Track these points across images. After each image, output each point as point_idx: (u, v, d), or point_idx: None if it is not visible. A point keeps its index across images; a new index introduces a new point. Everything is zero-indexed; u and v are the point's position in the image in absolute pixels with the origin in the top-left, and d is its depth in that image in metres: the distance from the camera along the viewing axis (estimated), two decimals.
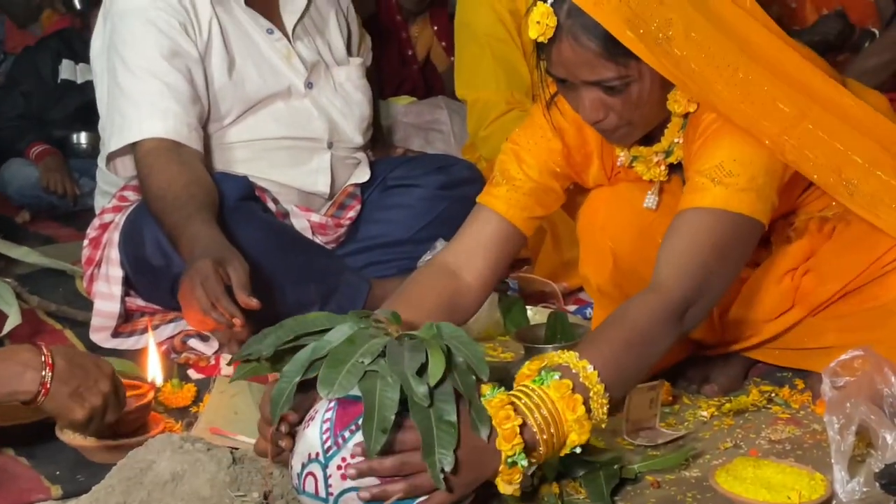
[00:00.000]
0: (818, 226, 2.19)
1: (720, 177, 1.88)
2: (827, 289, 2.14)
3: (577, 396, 1.64)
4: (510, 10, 3.02)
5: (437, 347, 1.64)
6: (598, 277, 2.16)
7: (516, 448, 1.60)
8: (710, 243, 1.86)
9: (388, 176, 2.86)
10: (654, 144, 2.05)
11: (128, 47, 2.50)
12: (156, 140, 2.43)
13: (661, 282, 1.84)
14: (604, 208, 2.15)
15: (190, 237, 2.25)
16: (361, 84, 2.81)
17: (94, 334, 2.55)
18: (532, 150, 2.09)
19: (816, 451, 1.93)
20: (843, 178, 1.95)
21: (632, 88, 1.89)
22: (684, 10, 1.86)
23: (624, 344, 1.75)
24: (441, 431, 1.59)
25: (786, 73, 1.95)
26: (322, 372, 1.61)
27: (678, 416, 2.10)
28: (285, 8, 2.70)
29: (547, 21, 1.85)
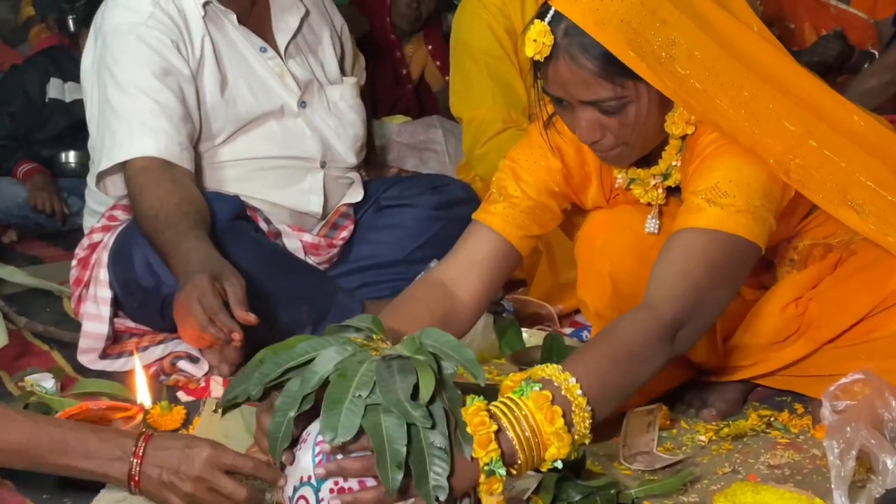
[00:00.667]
0: (822, 253, 2.19)
1: (715, 197, 1.88)
2: (835, 325, 2.13)
3: (556, 408, 1.63)
4: (506, 29, 3.03)
5: (424, 365, 1.63)
6: (597, 302, 2.16)
7: (492, 454, 1.58)
8: (703, 264, 1.85)
9: (382, 196, 2.87)
10: (651, 167, 2.06)
11: (119, 65, 2.51)
12: (147, 159, 2.43)
13: (653, 301, 1.83)
14: (603, 232, 2.14)
15: (184, 254, 2.25)
16: (355, 103, 2.81)
17: (82, 356, 2.55)
18: (530, 168, 2.09)
19: (816, 477, 1.92)
20: (848, 199, 1.95)
21: (629, 109, 1.89)
22: (688, 29, 1.86)
23: (610, 360, 1.74)
24: (434, 456, 1.58)
25: (792, 92, 1.95)
26: (323, 417, 1.59)
27: (676, 441, 2.09)
28: (278, 27, 2.71)
29: (544, 39, 1.85)
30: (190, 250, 2.25)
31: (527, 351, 2.24)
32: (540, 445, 1.63)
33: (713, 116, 1.90)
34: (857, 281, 2.13)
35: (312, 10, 2.81)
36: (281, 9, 2.72)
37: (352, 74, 2.92)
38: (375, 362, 1.66)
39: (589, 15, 1.83)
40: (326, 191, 2.73)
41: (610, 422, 2.05)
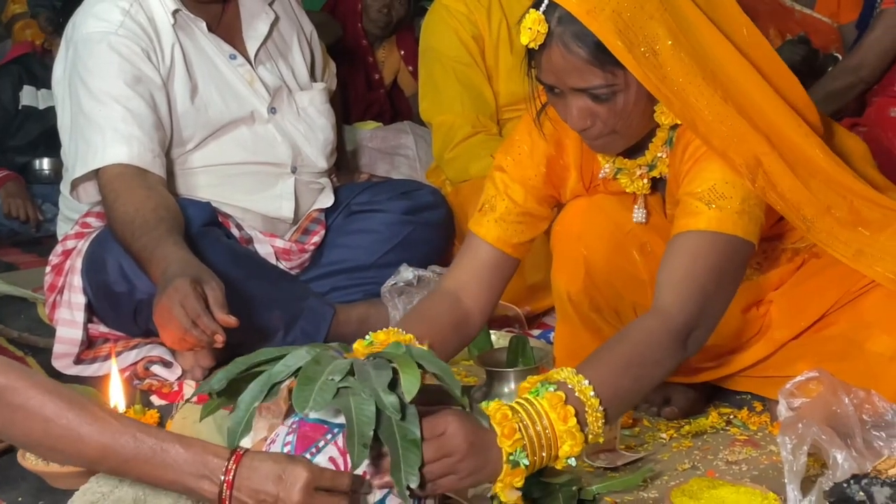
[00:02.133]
0: (789, 256, 2.26)
1: (713, 199, 1.93)
2: (793, 326, 2.20)
3: (569, 408, 1.70)
4: (473, 36, 3.07)
5: (410, 363, 1.69)
6: (570, 286, 2.21)
7: (517, 445, 1.67)
8: (708, 267, 1.91)
9: (353, 201, 2.89)
10: (637, 158, 2.10)
11: (91, 73, 2.53)
12: (120, 166, 2.46)
13: (663, 306, 1.88)
14: (580, 217, 2.19)
15: (162, 259, 2.27)
16: (325, 109, 2.84)
17: (57, 361, 2.56)
18: (515, 173, 2.13)
19: (772, 472, 1.98)
20: (801, 214, 2.01)
21: (618, 97, 1.93)
22: (671, 25, 1.91)
23: (623, 364, 1.81)
24: (406, 450, 1.64)
25: (758, 110, 1.99)
26: (295, 391, 1.65)
27: (638, 439, 2.14)
28: (248, 33, 2.74)
29: (538, 28, 1.90)
30: (168, 255, 2.28)
31: (493, 352, 2.28)
32: (554, 443, 1.70)
33: (690, 115, 1.94)
34: (814, 283, 2.20)
35: (282, 15, 2.83)
36: (250, 15, 2.75)
37: (322, 80, 2.95)
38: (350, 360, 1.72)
39: (582, 4, 1.87)
40: (297, 196, 2.76)
41: None
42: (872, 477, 1.67)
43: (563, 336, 2.31)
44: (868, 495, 1.65)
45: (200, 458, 1.61)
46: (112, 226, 2.45)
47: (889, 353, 2.08)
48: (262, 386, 1.72)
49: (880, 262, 2.05)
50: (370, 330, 2.58)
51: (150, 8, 2.60)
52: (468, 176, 3.01)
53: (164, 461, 1.61)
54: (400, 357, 1.72)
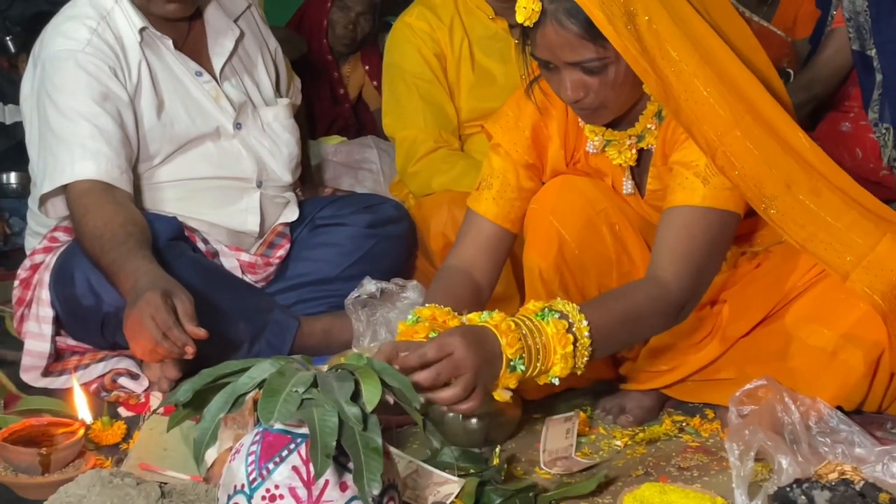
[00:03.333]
0: (748, 258, 2.33)
1: (709, 176, 2.06)
2: (742, 324, 2.27)
3: (569, 336, 1.87)
4: (435, 53, 3.11)
5: (371, 375, 1.73)
6: (542, 261, 2.28)
7: (519, 352, 1.83)
8: (703, 242, 2.06)
9: (317, 215, 2.91)
10: (627, 129, 2.19)
11: (59, 90, 2.55)
12: (88, 182, 2.48)
13: (664, 279, 2.03)
14: (554, 194, 2.28)
15: (131, 272, 2.30)
16: (289, 124, 2.87)
17: (25, 374, 2.57)
18: (509, 143, 2.27)
19: (722, 477, 2.02)
20: (761, 193, 2.08)
21: (609, 70, 2.05)
22: (651, 6, 2.01)
23: (620, 317, 1.98)
24: (369, 458, 1.69)
25: (728, 78, 2.08)
26: (260, 403, 1.68)
27: (594, 446, 2.19)
28: (214, 50, 2.76)
29: (533, 6, 2.01)
30: (138, 268, 2.31)
31: None
32: (548, 360, 1.88)
33: (662, 89, 2.03)
34: (761, 283, 2.28)
35: (247, 32, 2.86)
36: (216, 32, 2.78)
37: (287, 95, 2.97)
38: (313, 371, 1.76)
39: None
40: (263, 210, 2.78)
41: (532, 429, 2.18)
42: (814, 481, 1.72)
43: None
44: (809, 498, 1.70)
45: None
46: (81, 240, 2.47)
47: (830, 348, 2.15)
48: (227, 397, 1.75)
49: (828, 248, 2.12)
50: (334, 342, 2.67)
51: (116, 26, 2.63)
52: (430, 189, 3.04)
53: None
54: (361, 369, 1.77)
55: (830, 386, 2.12)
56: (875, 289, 2.10)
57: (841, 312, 2.15)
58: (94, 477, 1.80)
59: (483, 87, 3.10)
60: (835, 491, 1.69)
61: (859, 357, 2.14)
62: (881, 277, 2.11)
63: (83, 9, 2.64)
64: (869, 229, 2.13)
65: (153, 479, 1.88)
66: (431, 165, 3.07)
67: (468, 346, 1.82)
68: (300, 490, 1.69)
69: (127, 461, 2.06)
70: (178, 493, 1.83)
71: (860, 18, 3.37)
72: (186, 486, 1.87)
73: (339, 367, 1.79)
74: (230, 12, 2.82)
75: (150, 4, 2.63)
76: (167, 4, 2.62)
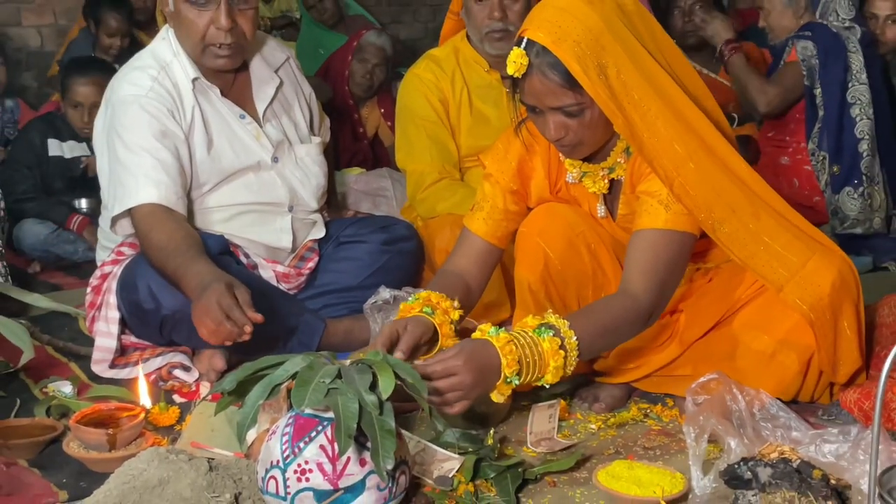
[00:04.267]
0: (702, 273, 2.33)
1: (669, 202, 2.06)
2: (696, 330, 2.27)
3: (561, 352, 1.89)
4: (440, 99, 3.11)
5: (387, 368, 1.74)
6: (530, 276, 2.27)
7: (514, 372, 1.88)
8: (666, 260, 2.06)
9: (341, 234, 2.90)
10: (600, 163, 2.20)
11: (126, 129, 2.55)
12: (151, 205, 2.48)
13: (635, 293, 2.04)
14: (541, 219, 2.27)
15: (196, 273, 2.30)
16: (319, 159, 2.86)
17: (95, 366, 2.57)
18: (498, 171, 2.27)
19: (681, 456, 2.01)
20: (711, 216, 2.09)
21: (585, 112, 2.05)
22: (618, 55, 2.02)
23: (602, 329, 1.99)
24: (384, 438, 1.69)
25: (686, 120, 2.09)
26: (293, 391, 1.70)
27: (572, 429, 2.18)
28: (257, 96, 2.75)
29: (521, 61, 2.02)
30: (201, 270, 2.31)
31: None
32: (541, 373, 1.90)
33: (629, 129, 2.04)
34: (712, 295, 2.28)
35: (285, 80, 2.85)
36: (259, 81, 2.76)
37: (318, 133, 2.96)
38: (338, 365, 1.76)
39: (549, 36, 1.99)
40: (294, 230, 2.78)
41: (520, 414, 2.17)
42: (758, 459, 1.71)
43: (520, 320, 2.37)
44: (754, 474, 1.69)
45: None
46: (147, 252, 2.47)
47: (769, 351, 2.16)
48: (265, 387, 1.76)
49: (766, 265, 2.12)
50: (355, 340, 2.68)
51: (174, 75, 2.63)
52: (436, 213, 3.04)
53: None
54: (378, 363, 1.77)
55: (770, 381, 2.13)
56: (805, 301, 2.12)
57: (777, 321, 2.16)
58: (153, 453, 1.80)
59: (479, 127, 3.10)
60: (775, 468, 1.68)
61: (794, 358, 2.15)
62: (809, 291, 2.11)
63: (147, 60, 2.66)
64: (801, 249, 2.13)
65: (202, 456, 1.87)
66: (436, 193, 3.07)
67: (469, 371, 1.86)
68: (326, 465, 1.69)
69: (180, 440, 2.06)
70: (224, 467, 1.83)
71: (811, 61, 3.40)
72: (230, 462, 1.87)
73: (360, 362, 1.79)
74: (271, 64, 2.81)
75: (203, 59, 2.62)
76: (216, 59, 2.62)
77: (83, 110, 3.93)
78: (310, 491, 1.68)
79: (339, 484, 1.69)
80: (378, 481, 1.71)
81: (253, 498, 1.79)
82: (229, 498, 1.76)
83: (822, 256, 2.13)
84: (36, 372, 2.57)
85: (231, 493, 1.77)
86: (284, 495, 1.70)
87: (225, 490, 1.77)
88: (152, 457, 1.79)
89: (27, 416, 2.29)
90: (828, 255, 2.15)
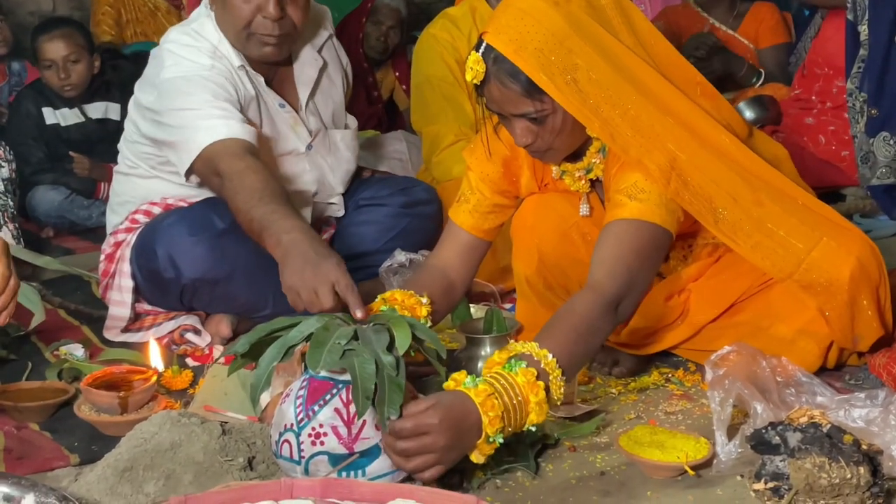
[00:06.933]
0: (710, 251, 2.25)
1: (635, 193, 1.94)
2: (708, 312, 2.21)
3: (540, 383, 1.69)
4: (456, 59, 3.06)
5: (403, 324, 1.70)
6: (526, 269, 2.23)
7: (498, 430, 1.65)
8: (632, 248, 1.91)
9: (359, 196, 2.84)
10: (577, 163, 2.12)
11: (186, 95, 2.37)
12: (233, 140, 2.29)
13: (596, 282, 1.89)
14: (532, 213, 2.21)
15: (290, 229, 2.03)
16: (353, 145, 2.77)
17: (107, 332, 2.55)
18: (478, 169, 2.17)
19: (703, 421, 1.98)
20: (712, 207, 2.00)
21: (550, 119, 1.95)
22: (589, 57, 1.91)
23: (574, 334, 1.80)
24: (392, 391, 1.64)
25: (672, 112, 1.99)
26: (308, 353, 1.66)
27: (592, 393, 2.14)
28: (300, 82, 2.64)
29: (478, 67, 1.92)
30: (295, 228, 2.04)
31: (472, 322, 2.28)
32: (524, 416, 1.69)
33: (608, 130, 1.94)
34: (726, 276, 2.21)
35: (329, 60, 2.73)
36: (303, 66, 2.65)
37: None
38: (356, 326, 1.72)
39: (510, 44, 1.89)
40: (315, 213, 2.69)
41: None
42: (786, 424, 1.67)
43: (523, 311, 2.33)
44: (783, 439, 1.64)
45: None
46: (228, 194, 2.23)
47: (788, 337, 2.12)
48: (279, 349, 1.72)
49: (772, 254, 2.05)
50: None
51: (227, 58, 2.48)
52: (451, 176, 3.00)
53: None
54: (394, 319, 1.73)
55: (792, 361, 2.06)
56: (811, 287, 2.06)
57: (795, 313, 2.12)
58: (165, 417, 1.78)
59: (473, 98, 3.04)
60: (805, 433, 1.63)
61: (813, 345, 2.12)
62: (818, 276, 2.05)
63: (196, 39, 2.47)
64: (807, 234, 2.05)
65: (215, 419, 1.85)
66: (452, 155, 3.04)
67: (442, 432, 1.61)
68: (341, 429, 1.66)
69: (193, 403, 2.04)
70: (237, 431, 1.81)
71: None
72: (244, 425, 1.85)
73: (376, 321, 1.74)
74: (315, 44, 2.70)
75: (248, 47, 2.48)
76: (262, 48, 2.48)
77: (57, 68, 3.88)
78: (324, 455, 1.65)
79: (355, 448, 1.66)
80: None
81: (266, 462, 1.77)
82: (242, 462, 1.74)
83: (834, 239, 2.05)
84: (47, 335, 2.56)
85: (244, 457, 1.75)
86: (298, 459, 1.66)
87: (238, 454, 1.75)
88: (164, 420, 1.77)
89: (38, 379, 2.28)
90: (842, 239, 2.06)
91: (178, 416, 1.78)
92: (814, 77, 3.55)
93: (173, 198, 2.54)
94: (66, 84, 3.90)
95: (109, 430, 1.99)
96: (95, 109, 4.04)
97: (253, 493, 1.48)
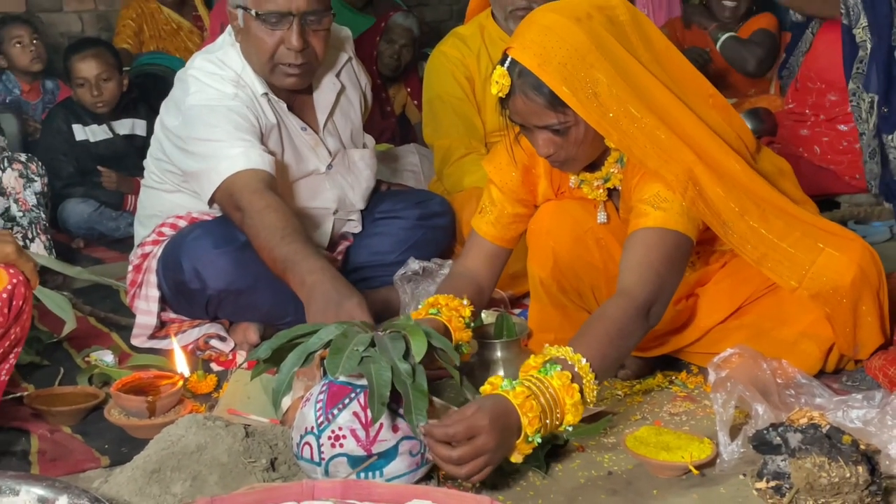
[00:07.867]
0: (717, 258, 2.25)
1: (658, 203, 1.95)
2: (714, 316, 2.21)
3: (575, 385, 1.70)
4: (466, 76, 3.06)
5: (419, 332, 1.69)
6: (541, 272, 2.23)
7: (536, 431, 1.66)
8: (660, 255, 1.92)
9: (376, 209, 2.83)
10: (595, 172, 2.12)
11: (211, 127, 2.38)
12: (254, 172, 2.30)
13: (627, 288, 1.89)
14: (549, 217, 2.21)
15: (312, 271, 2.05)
16: (372, 162, 2.76)
17: (134, 339, 2.55)
18: (501, 182, 2.19)
19: (706, 422, 1.97)
20: (721, 220, 2.01)
21: (573, 131, 1.95)
22: (609, 73, 1.91)
23: (607, 339, 1.80)
24: (417, 399, 1.64)
25: (686, 134, 1.99)
26: (327, 359, 1.66)
27: (599, 395, 2.08)
28: (319, 105, 2.64)
29: (503, 81, 1.92)
30: (316, 268, 2.06)
31: (484, 327, 2.28)
32: (561, 416, 1.70)
33: (626, 142, 1.94)
34: (731, 281, 2.21)
35: (347, 83, 2.73)
36: (322, 90, 2.65)
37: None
38: (373, 334, 1.72)
39: (534, 59, 1.89)
40: (334, 229, 2.70)
41: None
42: (787, 425, 1.66)
43: (535, 313, 2.32)
44: (784, 439, 1.63)
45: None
46: (249, 230, 2.25)
47: (790, 340, 2.12)
48: (299, 355, 1.72)
49: (778, 265, 2.06)
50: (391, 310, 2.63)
51: (250, 86, 2.49)
52: (462, 187, 2.99)
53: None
54: (410, 328, 1.72)
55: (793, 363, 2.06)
56: (819, 296, 2.07)
57: (798, 315, 2.12)
58: (191, 420, 1.79)
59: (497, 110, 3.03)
60: (805, 433, 1.62)
61: (815, 347, 2.12)
62: (821, 283, 2.06)
63: (220, 69, 2.48)
64: (810, 245, 2.07)
65: (239, 422, 1.85)
66: (463, 168, 3.03)
67: (492, 432, 1.62)
68: (360, 431, 1.66)
69: (217, 407, 2.04)
70: (260, 433, 1.81)
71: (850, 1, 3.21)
72: (266, 428, 1.85)
73: (392, 330, 1.74)
74: (334, 69, 2.69)
75: (272, 77, 2.49)
76: (286, 78, 2.48)
77: (90, 86, 3.90)
78: (343, 457, 1.65)
79: (373, 450, 1.65)
80: (411, 447, 1.67)
81: (288, 463, 1.77)
82: (265, 463, 1.74)
83: (836, 249, 2.07)
84: (78, 342, 2.56)
85: (267, 459, 1.75)
86: (319, 461, 1.66)
87: (261, 455, 1.75)
88: (190, 423, 1.77)
89: (70, 384, 2.28)
90: (844, 247, 2.08)
91: (203, 420, 1.78)
92: (807, 91, 3.55)
93: (198, 212, 2.54)
94: (99, 101, 3.93)
95: (138, 433, 1.99)
96: (123, 126, 4.06)
97: (276, 494, 1.48)
